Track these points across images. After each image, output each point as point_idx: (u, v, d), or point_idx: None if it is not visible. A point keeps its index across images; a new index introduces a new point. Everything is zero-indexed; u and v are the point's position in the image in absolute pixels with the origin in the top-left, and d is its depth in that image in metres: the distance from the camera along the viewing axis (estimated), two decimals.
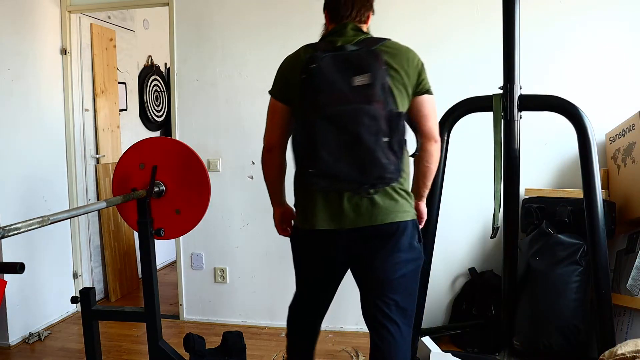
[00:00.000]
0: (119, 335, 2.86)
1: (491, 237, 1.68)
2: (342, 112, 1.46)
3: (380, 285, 1.59)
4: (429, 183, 1.63)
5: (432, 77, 2.69)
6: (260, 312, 3.00)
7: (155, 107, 4.30)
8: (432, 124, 1.60)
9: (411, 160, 1.65)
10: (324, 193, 1.55)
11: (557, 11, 2.57)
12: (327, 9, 1.68)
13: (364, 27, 1.70)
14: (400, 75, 1.55)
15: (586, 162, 1.54)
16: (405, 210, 1.56)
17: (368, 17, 1.73)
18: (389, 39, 1.62)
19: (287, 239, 1.80)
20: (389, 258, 1.55)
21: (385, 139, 1.46)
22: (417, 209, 1.63)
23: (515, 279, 1.83)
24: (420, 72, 1.63)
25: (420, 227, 1.62)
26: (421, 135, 1.62)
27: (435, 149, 1.61)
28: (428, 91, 1.61)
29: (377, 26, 2.72)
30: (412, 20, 2.70)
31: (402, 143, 1.53)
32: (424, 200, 1.66)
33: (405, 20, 2.70)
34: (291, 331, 1.83)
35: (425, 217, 1.68)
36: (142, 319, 1.94)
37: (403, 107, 1.56)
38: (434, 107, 1.61)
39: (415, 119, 1.60)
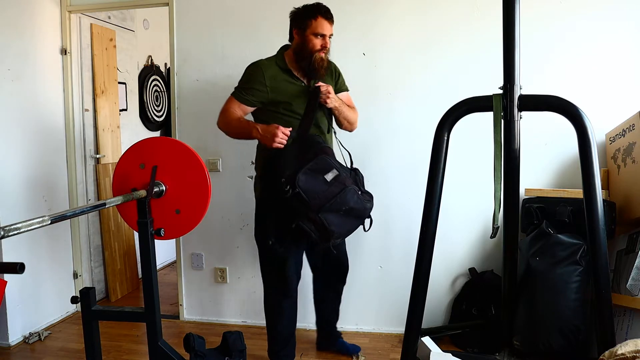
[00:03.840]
0: (119, 335, 2.86)
1: (491, 237, 1.67)
2: None
3: None
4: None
5: (431, 76, 2.71)
6: (260, 312, 2.97)
7: (155, 107, 4.30)
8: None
9: None
10: None
11: (556, 11, 2.57)
12: None
13: None
14: None
15: (586, 162, 1.54)
16: None
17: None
18: None
19: None
20: None
21: None
22: None
23: (515, 279, 1.83)
24: None
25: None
26: None
27: None
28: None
29: (376, 25, 2.73)
30: (411, 18, 2.70)
31: None
32: None
33: (404, 19, 2.71)
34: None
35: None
36: (142, 319, 1.94)
37: None
38: None
39: None
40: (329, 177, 2.01)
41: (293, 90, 2.24)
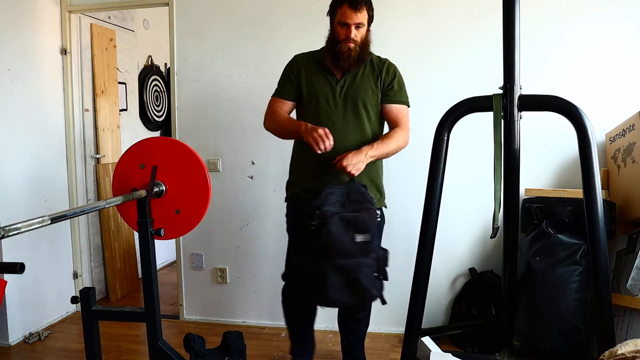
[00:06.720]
0: (119, 335, 2.86)
1: (491, 237, 1.67)
2: None
3: None
4: None
5: (431, 76, 2.71)
6: (260, 312, 3.00)
7: (155, 107, 4.30)
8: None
9: None
10: None
11: (556, 11, 2.57)
12: None
13: None
14: None
15: (586, 162, 1.54)
16: None
17: None
18: None
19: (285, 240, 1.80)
20: None
21: None
22: None
23: (515, 279, 1.83)
24: None
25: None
26: None
27: None
28: None
29: (376, 25, 2.73)
30: (411, 18, 2.70)
31: None
32: None
33: (404, 19, 2.71)
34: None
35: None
36: (142, 319, 1.94)
37: None
38: None
39: None
40: (359, 238, 1.82)
41: (321, 83, 2.16)
